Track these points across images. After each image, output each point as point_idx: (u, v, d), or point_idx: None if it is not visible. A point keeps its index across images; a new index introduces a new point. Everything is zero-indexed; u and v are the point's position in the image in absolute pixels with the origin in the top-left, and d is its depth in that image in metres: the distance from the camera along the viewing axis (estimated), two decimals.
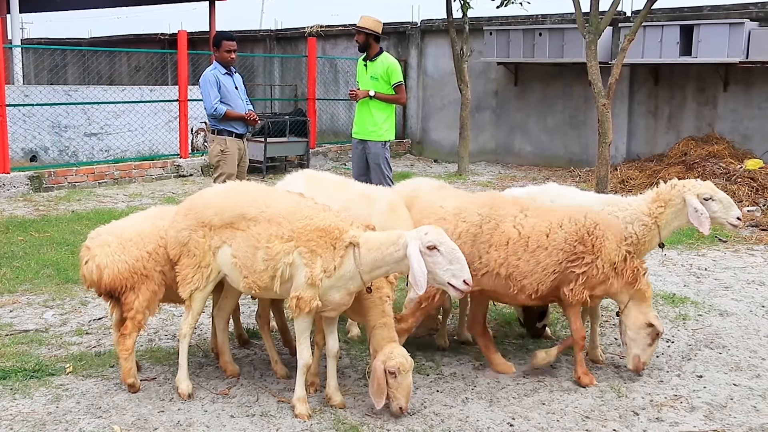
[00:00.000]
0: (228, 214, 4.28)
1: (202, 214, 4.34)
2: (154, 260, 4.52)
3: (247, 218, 4.22)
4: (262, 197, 4.35)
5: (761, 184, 10.85)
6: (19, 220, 9.27)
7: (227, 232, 4.28)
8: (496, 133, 15.87)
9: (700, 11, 13.13)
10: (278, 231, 4.12)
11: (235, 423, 4.16)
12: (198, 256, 4.35)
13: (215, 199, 4.42)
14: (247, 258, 4.20)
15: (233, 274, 4.31)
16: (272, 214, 4.19)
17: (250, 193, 4.44)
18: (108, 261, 4.43)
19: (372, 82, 8.02)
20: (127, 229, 4.61)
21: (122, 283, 4.45)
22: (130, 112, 13.99)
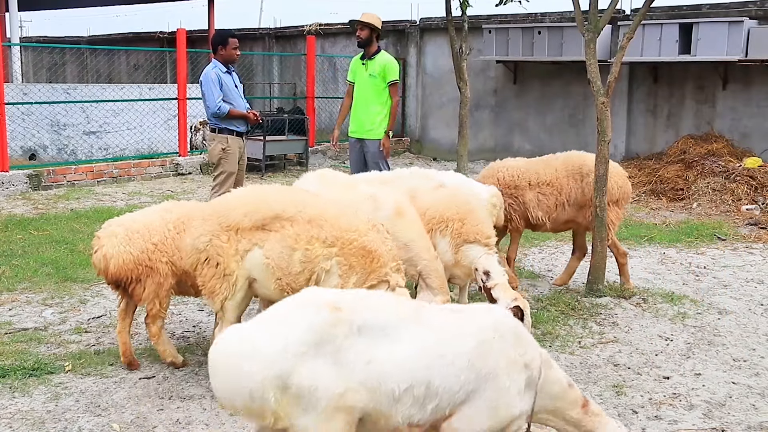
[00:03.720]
0: (260, 215, 4.09)
1: (226, 218, 4.13)
2: (160, 251, 4.61)
3: (283, 218, 4.05)
4: (298, 197, 4.21)
5: (760, 183, 10.86)
6: (18, 219, 9.26)
7: (258, 234, 4.08)
8: (495, 132, 15.86)
9: (699, 9, 13.12)
10: (319, 234, 3.98)
11: (234, 421, 4.16)
12: (221, 263, 4.13)
13: (243, 201, 4.22)
14: (281, 259, 4.02)
15: (264, 277, 4.10)
16: (313, 215, 4.04)
17: (281, 193, 4.30)
18: (114, 251, 4.58)
19: (370, 80, 8.02)
20: (136, 222, 4.74)
21: (127, 273, 4.59)
22: (129, 111, 13.97)
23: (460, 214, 5.23)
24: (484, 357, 2.98)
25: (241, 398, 2.71)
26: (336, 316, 2.84)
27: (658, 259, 7.95)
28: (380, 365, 2.83)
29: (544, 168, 6.74)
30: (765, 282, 7.14)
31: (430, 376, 2.89)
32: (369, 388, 2.82)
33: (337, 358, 2.77)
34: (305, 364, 2.72)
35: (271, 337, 2.76)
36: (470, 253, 5.16)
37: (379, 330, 2.89)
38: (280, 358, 2.69)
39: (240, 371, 2.70)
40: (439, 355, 2.92)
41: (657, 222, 9.87)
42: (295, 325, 2.80)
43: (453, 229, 5.18)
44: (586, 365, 5.05)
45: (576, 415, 3.22)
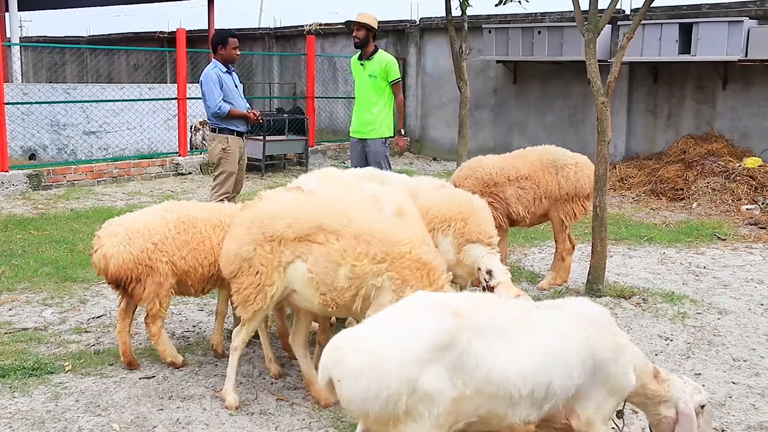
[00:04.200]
0: (303, 226, 3.96)
1: (270, 227, 4.00)
2: (160, 251, 4.62)
3: (327, 231, 3.93)
4: (339, 208, 4.09)
5: (760, 183, 10.86)
6: (18, 219, 9.26)
7: (302, 246, 3.97)
8: (494, 132, 15.86)
9: (699, 9, 13.12)
10: (367, 249, 3.86)
11: (234, 421, 4.16)
12: (263, 273, 4.00)
13: (286, 210, 4.07)
14: (326, 274, 3.89)
15: (307, 291, 3.98)
16: (359, 230, 3.92)
17: (324, 203, 4.17)
18: (114, 251, 4.59)
19: (370, 80, 8.02)
20: (136, 221, 4.76)
21: (127, 273, 4.60)
22: (129, 111, 13.97)
23: (462, 214, 5.23)
24: (592, 350, 3.09)
25: (378, 404, 2.71)
26: (460, 323, 2.86)
27: (658, 259, 7.95)
28: (500, 371, 2.87)
29: (521, 162, 6.76)
30: (765, 282, 7.14)
31: (549, 378, 2.98)
32: (485, 394, 2.86)
33: (459, 363, 2.80)
34: (432, 369, 2.74)
35: (401, 343, 2.77)
36: (473, 252, 5.15)
37: (497, 334, 2.93)
38: (412, 364, 2.71)
39: (379, 378, 2.70)
40: (555, 355, 3.01)
41: (657, 222, 9.88)
42: (423, 331, 2.80)
43: (455, 229, 5.18)
44: None
45: (653, 387, 3.35)
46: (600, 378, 3.13)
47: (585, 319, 3.19)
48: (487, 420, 2.94)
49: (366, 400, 2.73)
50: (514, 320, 3.03)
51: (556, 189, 6.69)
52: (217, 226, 4.87)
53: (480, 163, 6.85)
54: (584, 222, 9.45)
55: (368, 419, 2.82)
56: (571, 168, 6.75)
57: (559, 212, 6.72)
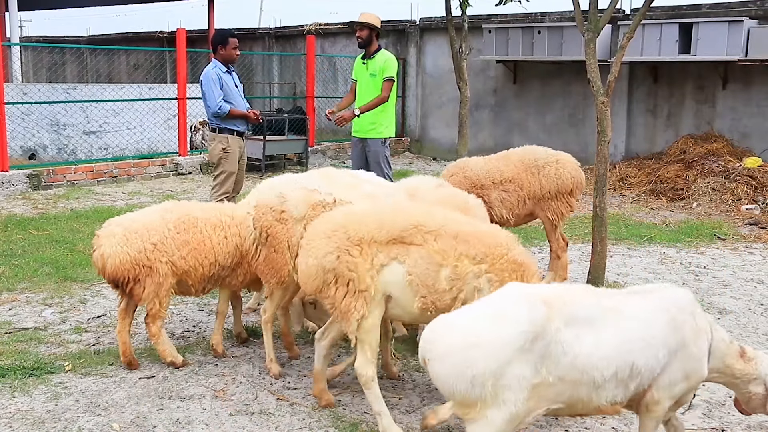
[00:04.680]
0: (398, 226, 3.85)
1: (357, 231, 3.85)
2: (159, 251, 4.61)
3: (425, 231, 3.82)
4: (432, 210, 4.04)
5: (760, 182, 10.86)
6: (18, 219, 9.26)
7: (397, 248, 3.84)
8: (494, 131, 15.86)
9: (699, 9, 13.12)
10: (467, 250, 3.79)
11: (234, 421, 4.16)
12: (354, 280, 3.82)
13: (376, 212, 3.99)
14: (427, 276, 3.77)
15: (405, 294, 3.83)
16: (458, 230, 3.85)
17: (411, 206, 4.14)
18: (112, 251, 4.59)
19: (371, 79, 8.01)
20: (135, 221, 4.76)
21: (125, 273, 4.60)
22: (129, 110, 13.97)
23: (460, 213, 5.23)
24: (674, 332, 3.20)
25: (463, 384, 2.88)
26: (550, 312, 3.00)
27: (658, 259, 7.95)
28: (584, 357, 3.01)
29: (504, 165, 6.75)
30: (765, 282, 7.14)
31: (633, 359, 3.10)
32: (568, 380, 3.00)
33: (546, 351, 2.95)
34: (519, 357, 2.89)
35: (494, 330, 2.93)
36: None
37: (584, 322, 3.07)
38: (502, 351, 2.87)
39: (467, 360, 2.88)
40: (639, 338, 3.13)
41: (657, 222, 9.88)
42: (515, 319, 2.96)
43: None
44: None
45: (739, 366, 3.41)
46: (680, 358, 3.23)
47: (668, 301, 3.30)
48: (571, 405, 3.08)
49: (453, 381, 2.90)
50: (599, 306, 3.16)
51: (539, 189, 6.69)
52: (217, 226, 4.87)
53: (467, 164, 6.82)
54: (584, 222, 9.46)
55: (455, 400, 2.99)
56: (551, 166, 6.75)
57: (546, 211, 6.73)
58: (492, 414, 2.90)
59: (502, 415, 2.90)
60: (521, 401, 2.91)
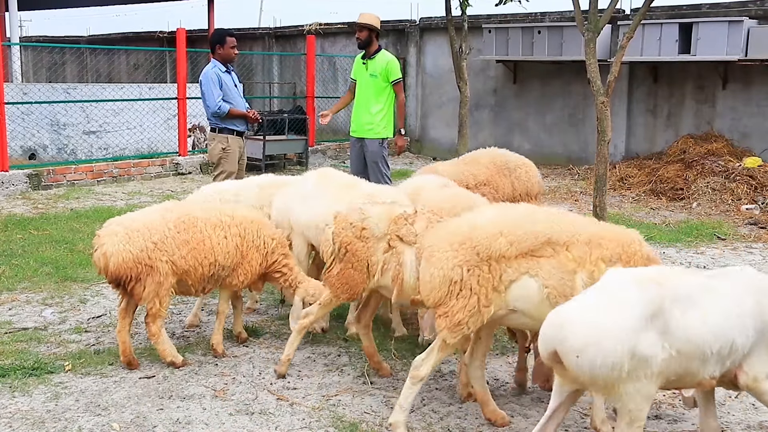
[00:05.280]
0: (528, 242, 3.77)
1: (488, 246, 3.76)
2: (159, 250, 4.62)
3: (558, 244, 3.76)
4: (562, 219, 3.95)
5: (760, 182, 10.86)
6: (18, 218, 9.26)
7: (527, 262, 3.76)
8: (494, 131, 15.85)
9: (699, 9, 13.12)
10: (602, 253, 3.74)
11: (234, 421, 4.16)
12: (480, 296, 3.75)
13: (504, 226, 3.85)
14: (564, 286, 3.71)
15: (538, 307, 3.74)
16: (589, 236, 3.79)
17: (540, 215, 3.99)
18: (113, 250, 4.59)
19: (372, 79, 8.02)
20: (136, 221, 4.75)
21: (126, 272, 4.61)
22: (129, 110, 13.97)
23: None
24: (761, 313, 3.40)
25: (604, 371, 3.12)
26: (662, 292, 3.24)
27: None
28: (696, 331, 3.24)
29: (476, 168, 6.65)
30: None
31: (733, 336, 3.32)
32: (684, 354, 3.23)
33: (665, 328, 3.19)
34: (644, 336, 3.14)
35: (617, 316, 3.16)
36: None
37: (689, 300, 3.28)
38: (630, 334, 3.12)
39: (602, 350, 3.11)
40: (734, 315, 3.34)
41: (657, 222, 9.88)
42: (633, 302, 3.19)
43: None
44: None
45: None
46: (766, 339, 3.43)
47: (752, 284, 3.48)
48: (682, 377, 3.32)
49: (594, 370, 3.14)
50: (697, 286, 3.37)
51: (511, 191, 6.65)
52: (217, 226, 4.88)
53: (436, 169, 6.64)
54: None
55: (597, 385, 3.22)
56: (522, 169, 6.70)
57: None
58: (629, 389, 3.17)
59: (639, 387, 3.18)
60: (655, 375, 3.18)
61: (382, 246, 4.39)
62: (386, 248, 4.37)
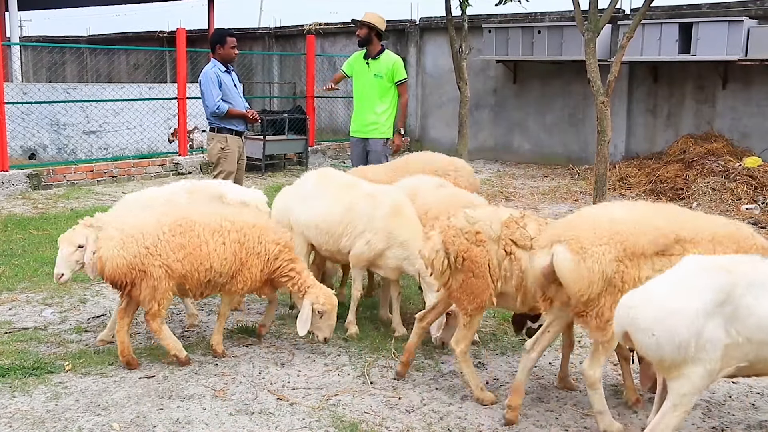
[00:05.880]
0: (664, 239, 3.78)
1: (634, 243, 3.77)
2: (152, 255, 4.61)
3: (686, 241, 3.77)
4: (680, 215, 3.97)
5: (760, 182, 10.86)
6: (18, 218, 9.26)
7: (660, 260, 3.76)
8: (494, 131, 15.87)
9: (699, 9, 13.13)
10: (724, 250, 3.77)
11: (234, 420, 4.16)
12: (624, 292, 3.66)
13: (643, 223, 3.87)
14: None
15: None
16: (712, 233, 3.82)
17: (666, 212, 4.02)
18: (108, 255, 4.61)
19: (376, 80, 8.02)
20: (132, 225, 4.74)
21: (121, 277, 4.61)
22: (129, 110, 13.97)
23: None
24: None
25: (670, 349, 3.24)
26: (733, 279, 3.30)
27: None
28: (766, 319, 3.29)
29: (406, 173, 6.26)
30: None
31: None
32: (755, 341, 3.28)
33: (734, 314, 3.27)
34: (712, 320, 3.24)
35: (687, 300, 3.27)
36: None
37: (759, 286, 3.32)
38: (697, 317, 3.23)
39: (670, 329, 3.24)
40: None
41: None
42: (704, 288, 3.29)
43: None
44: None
45: None
46: None
47: None
48: (754, 364, 3.37)
49: (661, 350, 3.26)
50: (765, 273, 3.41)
51: None
52: (216, 231, 4.82)
53: (365, 173, 6.39)
54: None
55: (662, 364, 3.33)
56: (454, 173, 6.49)
57: None
58: (690, 371, 3.26)
59: (699, 372, 3.26)
60: (715, 360, 3.26)
61: (498, 250, 4.24)
62: (503, 254, 4.22)
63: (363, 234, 5.27)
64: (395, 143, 8.20)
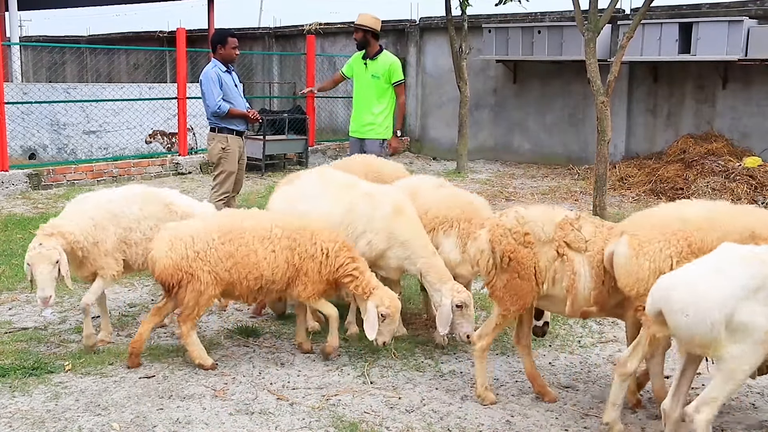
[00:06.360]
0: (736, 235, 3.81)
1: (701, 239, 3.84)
2: (201, 260, 4.64)
3: (760, 238, 3.79)
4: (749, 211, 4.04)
5: (760, 182, 10.86)
6: (18, 218, 9.26)
7: None
8: (494, 131, 15.86)
9: (699, 9, 13.12)
10: None
11: (234, 420, 4.16)
12: None
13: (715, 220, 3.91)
14: None
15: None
16: None
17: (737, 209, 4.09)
18: (158, 255, 4.67)
19: (373, 80, 8.02)
20: (182, 229, 4.77)
21: (168, 278, 4.66)
22: (129, 110, 13.97)
23: (465, 214, 5.25)
24: None
25: (702, 329, 3.39)
26: (765, 270, 3.43)
27: None
28: None
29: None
30: None
31: None
32: None
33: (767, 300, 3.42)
34: (745, 305, 3.39)
35: (718, 282, 3.42)
36: None
37: None
38: (728, 300, 3.38)
39: (704, 310, 3.38)
40: None
41: None
42: (735, 274, 3.44)
43: (460, 229, 5.19)
44: (586, 364, 5.06)
45: None
46: None
47: None
48: None
49: (692, 329, 3.42)
50: None
51: None
52: (265, 239, 4.76)
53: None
54: None
55: (694, 343, 3.49)
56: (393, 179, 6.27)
57: None
58: (733, 350, 3.41)
59: (744, 352, 3.41)
60: (756, 342, 3.39)
61: (549, 252, 4.18)
62: (555, 256, 4.16)
63: (364, 234, 5.26)
64: (392, 145, 8.18)
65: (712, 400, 3.50)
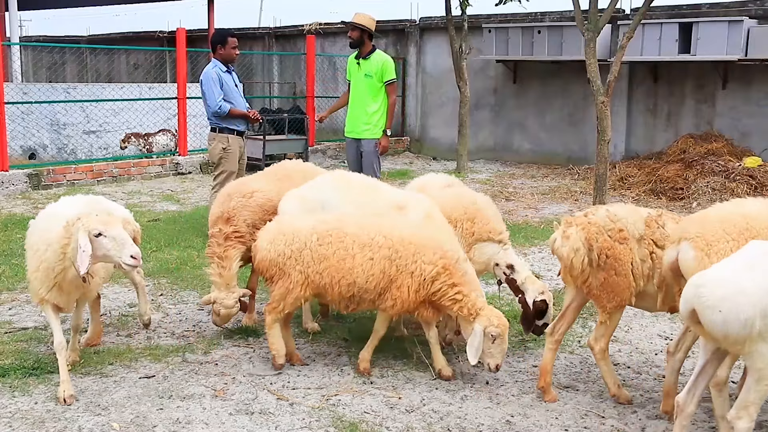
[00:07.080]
0: None
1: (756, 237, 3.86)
2: (294, 260, 4.62)
3: None
4: None
5: (760, 182, 10.86)
6: (18, 218, 9.26)
7: None
8: (494, 131, 15.87)
9: (699, 9, 13.13)
10: None
11: (234, 420, 4.16)
12: None
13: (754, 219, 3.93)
14: None
15: None
16: None
17: None
18: (260, 246, 4.73)
19: (366, 79, 8.03)
20: (287, 224, 4.80)
21: (263, 270, 4.74)
22: (129, 110, 13.98)
23: (468, 214, 5.25)
24: None
25: (735, 326, 3.37)
26: None
27: None
28: None
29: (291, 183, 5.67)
30: None
31: None
32: None
33: None
34: None
35: (752, 278, 3.41)
36: (486, 250, 5.23)
37: None
38: (763, 296, 3.37)
39: (738, 306, 3.37)
40: None
41: None
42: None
43: (464, 229, 5.20)
44: (586, 364, 5.06)
45: None
46: None
47: None
48: None
49: (726, 326, 3.39)
50: None
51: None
52: (366, 245, 4.60)
53: (249, 186, 5.71)
54: None
55: (728, 341, 3.46)
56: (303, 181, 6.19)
57: None
58: (762, 348, 3.39)
59: None
60: None
61: (642, 249, 4.22)
62: (645, 254, 4.20)
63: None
64: (381, 144, 8.12)
65: (749, 404, 3.49)
